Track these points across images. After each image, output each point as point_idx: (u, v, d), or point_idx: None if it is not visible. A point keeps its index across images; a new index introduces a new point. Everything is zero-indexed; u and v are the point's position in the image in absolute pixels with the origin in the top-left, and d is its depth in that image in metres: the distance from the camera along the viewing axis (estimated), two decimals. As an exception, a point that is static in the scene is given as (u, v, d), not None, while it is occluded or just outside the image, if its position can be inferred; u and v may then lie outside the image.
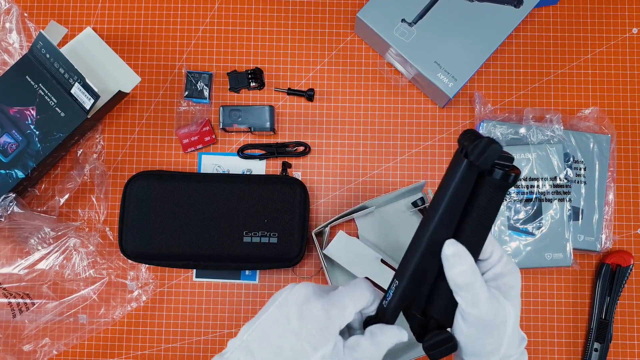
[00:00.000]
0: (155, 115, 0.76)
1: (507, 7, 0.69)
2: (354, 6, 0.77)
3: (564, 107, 0.75)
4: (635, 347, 0.72)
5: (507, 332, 0.45)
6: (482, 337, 0.45)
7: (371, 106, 0.75)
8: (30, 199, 0.74)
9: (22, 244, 0.69)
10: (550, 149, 0.69)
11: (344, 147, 0.75)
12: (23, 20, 0.75)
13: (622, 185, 0.74)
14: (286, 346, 0.43)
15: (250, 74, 0.75)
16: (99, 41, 0.74)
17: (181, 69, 0.76)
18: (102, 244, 0.73)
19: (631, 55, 0.76)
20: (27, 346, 0.70)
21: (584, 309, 0.73)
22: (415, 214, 0.73)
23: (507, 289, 0.45)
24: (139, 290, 0.72)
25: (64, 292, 0.70)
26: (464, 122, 0.75)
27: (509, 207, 0.69)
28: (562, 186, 0.69)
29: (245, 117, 0.73)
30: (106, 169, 0.75)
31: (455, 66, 0.68)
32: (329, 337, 0.43)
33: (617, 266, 0.71)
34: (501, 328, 0.45)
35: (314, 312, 0.44)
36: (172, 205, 0.70)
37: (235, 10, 0.77)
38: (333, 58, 0.76)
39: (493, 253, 0.46)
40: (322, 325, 0.43)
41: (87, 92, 0.66)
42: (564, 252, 0.68)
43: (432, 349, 0.46)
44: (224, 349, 0.44)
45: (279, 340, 0.43)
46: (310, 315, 0.43)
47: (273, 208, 0.70)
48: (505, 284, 0.46)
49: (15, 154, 0.68)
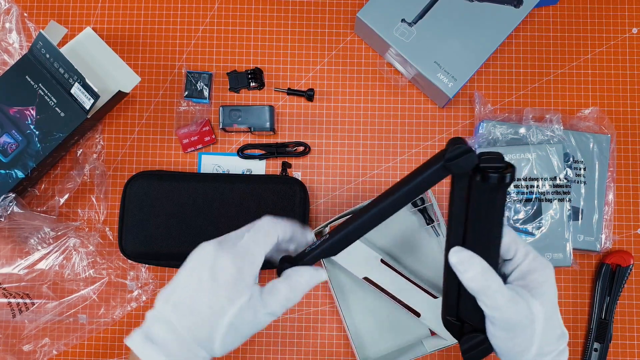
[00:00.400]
0: (155, 115, 0.76)
1: (507, 7, 0.69)
2: (354, 6, 0.77)
3: (563, 107, 0.75)
4: (635, 347, 0.72)
5: (536, 331, 0.45)
6: (511, 337, 0.45)
7: (371, 106, 0.75)
8: (30, 199, 0.74)
9: (22, 244, 0.69)
10: (550, 149, 0.69)
11: (344, 147, 0.75)
12: (23, 20, 0.75)
13: (622, 185, 0.74)
14: (202, 306, 0.44)
15: (250, 74, 0.75)
16: (99, 41, 0.74)
17: (181, 69, 0.76)
18: (102, 244, 0.73)
19: (631, 55, 0.76)
20: (27, 346, 0.70)
21: (584, 309, 0.73)
22: (415, 214, 0.73)
23: (535, 286, 0.45)
24: (138, 290, 0.72)
25: (64, 292, 0.70)
26: (464, 122, 0.75)
27: (509, 207, 0.69)
28: (562, 186, 0.69)
29: (245, 117, 0.73)
30: (106, 169, 0.75)
31: (455, 66, 0.68)
32: (243, 288, 0.44)
33: (617, 266, 0.71)
34: (529, 327, 0.44)
35: (224, 269, 0.44)
36: (172, 205, 0.70)
37: (235, 10, 0.77)
38: (333, 58, 0.76)
39: (517, 251, 0.46)
40: (234, 278, 0.44)
41: (87, 92, 0.66)
42: (564, 252, 0.68)
43: (467, 352, 0.46)
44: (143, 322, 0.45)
45: (194, 302, 0.44)
46: (222, 271, 0.44)
47: (273, 208, 0.70)
48: (533, 281, 0.45)
49: (15, 154, 0.68)
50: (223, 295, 0.44)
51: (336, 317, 0.72)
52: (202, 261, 0.45)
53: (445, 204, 0.74)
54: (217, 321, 0.44)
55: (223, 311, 0.44)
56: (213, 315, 0.44)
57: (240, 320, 0.44)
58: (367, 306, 0.71)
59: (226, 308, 0.44)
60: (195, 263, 0.46)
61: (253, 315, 0.44)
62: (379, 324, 0.71)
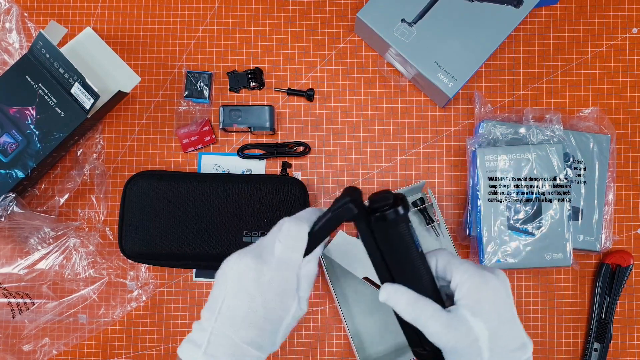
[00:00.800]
0: (155, 115, 0.76)
1: (507, 7, 0.69)
2: (354, 6, 0.77)
3: (563, 107, 0.75)
4: (635, 347, 0.72)
5: (482, 349, 0.44)
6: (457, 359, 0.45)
7: (371, 106, 0.75)
8: (30, 199, 0.74)
9: (22, 243, 0.69)
10: (550, 149, 0.69)
11: (344, 147, 0.75)
12: (23, 20, 0.75)
13: (622, 185, 0.74)
14: (260, 321, 0.45)
15: (250, 73, 0.75)
16: (99, 41, 0.74)
17: (181, 69, 0.76)
18: (102, 243, 0.73)
19: (631, 55, 0.76)
20: (27, 346, 0.70)
21: (584, 309, 0.73)
22: (415, 213, 0.73)
23: (474, 304, 0.45)
24: (138, 290, 0.72)
25: (64, 292, 0.70)
26: (464, 122, 0.75)
27: (509, 207, 0.69)
28: (562, 186, 0.69)
29: (245, 117, 0.73)
30: (106, 169, 0.75)
31: (455, 66, 0.68)
32: (293, 295, 0.46)
33: (617, 266, 0.71)
34: (473, 348, 0.44)
35: (273, 283, 0.46)
36: (172, 205, 0.70)
37: (235, 10, 0.77)
38: (333, 58, 0.76)
39: (454, 272, 0.47)
40: (283, 289, 0.46)
41: (87, 92, 0.66)
42: (564, 252, 0.68)
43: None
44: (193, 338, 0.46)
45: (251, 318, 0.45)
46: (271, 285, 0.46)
47: (273, 208, 0.70)
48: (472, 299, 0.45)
49: (15, 153, 0.68)
50: (278, 307, 0.46)
51: (336, 317, 0.72)
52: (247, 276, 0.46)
53: (445, 204, 0.74)
54: (277, 329, 0.47)
55: (281, 321, 0.46)
56: (272, 326, 0.46)
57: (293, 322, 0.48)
58: (367, 306, 0.71)
59: (283, 317, 0.46)
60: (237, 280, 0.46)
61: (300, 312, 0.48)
62: (379, 324, 0.71)
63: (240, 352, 0.45)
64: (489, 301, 0.45)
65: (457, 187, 0.74)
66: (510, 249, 0.68)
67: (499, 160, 0.69)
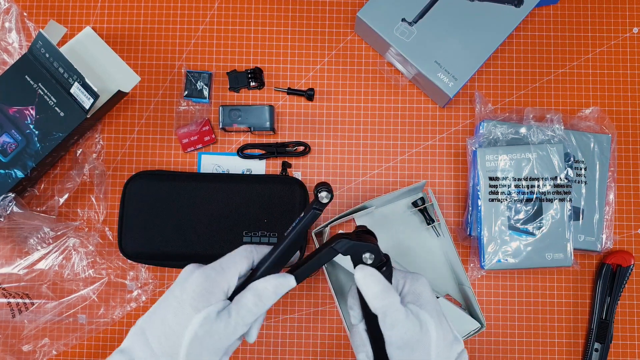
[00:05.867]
0: (154, 115, 0.76)
1: (507, 7, 0.69)
2: (354, 6, 0.77)
3: (564, 107, 0.75)
4: (635, 347, 0.72)
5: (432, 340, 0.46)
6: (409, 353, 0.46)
7: (371, 106, 0.75)
8: (29, 199, 0.74)
9: (22, 243, 0.69)
10: (550, 148, 0.69)
11: (344, 147, 0.75)
12: (22, 20, 0.75)
13: (623, 185, 0.74)
14: (169, 315, 0.44)
15: (250, 73, 0.75)
16: (99, 41, 0.74)
17: (181, 69, 0.76)
18: (102, 243, 0.73)
19: (631, 55, 0.76)
20: (27, 346, 0.70)
21: (585, 309, 0.72)
22: (415, 214, 0.73)
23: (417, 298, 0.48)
24: (138, 290, 0.72)
25: (64, 292, 0.70)
26: (464, 121, 0.75)
27: (510, 207, 0.68)
28: (563, 186, 0.68)
29: (245, 117, 0.73)
30: (105, 169, 0.75)
31: (455, 66, 0.68)
32: (210, 298, 0.44)
33: (618, 266, 0.71)
34: (425, 338, 0.46)
35: (194, 279, 0.45)
36: (172, 205, 0.70)
37: (235, 9, 0.77)
38: (333, 58, 0.76)
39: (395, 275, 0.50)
40: (202, 288, 0.44)
41: (87, 92, 0.66)
42: (565, 252, 0.68)
43: None
44: None
45: (163, 312, 0.45)
46: (191, 282, 0.45)
47: (273, 208, 0.70)
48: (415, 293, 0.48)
49: (15, 153, 0.68)
50: (188, 304, 0.44)
51: (336, 317, 0.72)
52: (179, 278, 0.46)
53: (445, 204, 0.74)
54: (182, 331, 0.43)
55: (188, 319, 0.43)
56: (178, 325, 0.44)
57: (207, 331, 0.43)
58: (367, 306, 0.71)
59: (191, 316, 0.43)
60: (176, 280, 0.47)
61: (223, 326, 0.44)
62: (379, 324, 0.71)
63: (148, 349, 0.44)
64: (426, 294, 0.48)
65: (457, 187, 0.74)
66: (510, 249, 0.68)
67: (500, 160, 0.69)
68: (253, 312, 0.45)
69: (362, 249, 0.49)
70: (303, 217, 0.49)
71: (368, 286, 0.47)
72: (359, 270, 0.48)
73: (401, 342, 0.46)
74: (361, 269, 0.48)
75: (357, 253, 0.49)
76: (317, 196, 0.49)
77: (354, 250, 0.49)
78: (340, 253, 0.49)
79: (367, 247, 0.49)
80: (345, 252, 0.49)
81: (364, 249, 0.49)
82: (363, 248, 0.49)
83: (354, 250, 0.49)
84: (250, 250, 0.48)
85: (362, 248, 0.49)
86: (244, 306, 0.45)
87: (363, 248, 0.49)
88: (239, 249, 0.48)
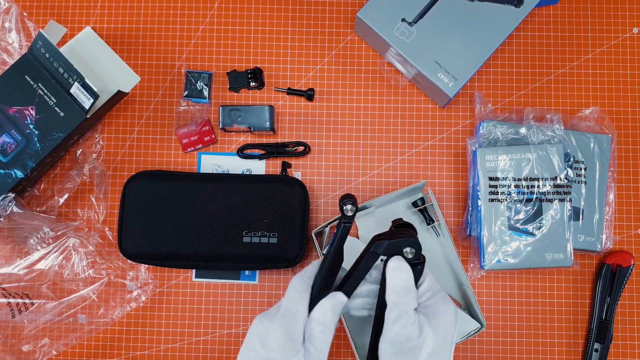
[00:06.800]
0: (154, 115, 0.76)
1: (507, 7, 0.69)
2: (354, 6, 0.77)
3: (564, 107, 0.75)
4: (635, 347, 0.72)
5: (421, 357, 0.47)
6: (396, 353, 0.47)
7: (371, 106, 0.75)
8: (29, 199, 0.74)
9: (22, 244, 0.69)
10: (550, 149, 0.69)
11: (344, 147, 0.75)
12: (22, 20, 0.75)
13: (623, 186, 0.74)
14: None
15: (250, 73, 0.75)
16: (99, 41, 0.74)
17: (181, 69, 0.76)
18: (102, 244, 0.73)
19: (631, 55, 0.76)
20: (26, 346, 0.70)
21: (584, 309, 0.72)
22: (415, 214, 0.73)
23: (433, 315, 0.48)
24: (138, 291, 0.72)
25: (63, 292, 0.70)
26: (464, 121, 0.75)
27: (510, 207, 0.68)
28: (563, 186, 0.68)
29: (245, 117, 0.73)
30: (105, 169, 0.75)
31: (455, 66, 0.68)
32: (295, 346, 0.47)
33: (618, 266, 0.71)
34: (415, 351, 0.47)
35: (275, 334, 0.47)
36: (172, 205, 0.70)
37: (235, 9, 0.77)
38: (333, 58, 0.76)
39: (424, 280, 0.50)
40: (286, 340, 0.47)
41: (87, 92, 0.66)
42: (565, 252, 0.68)
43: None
44: None
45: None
46: (271, 337, 0.47)
47: (273, 208, 0.70)
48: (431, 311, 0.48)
49: (15, 153, 0.68)
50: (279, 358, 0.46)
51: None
52: (252, 334, 0.48)
53: (445, 204, 0.74)
54: None
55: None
56: None
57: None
58: (367, 306, 0.71)
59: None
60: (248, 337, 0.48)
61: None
62: (379, 325, 0.71)
63: None
64: (445, 320, 0.48)
65: (457, 187, 0.74)
66: (510, 249, 0.68)
67: (500, 160, 0.69)
68: (325, 340, 0.47)
69: (401, 245, 0.48)
70: (336, 233, 0.49)
71: (394, 278, 0.48)
72: (395, 260, 0.48)
73: (396, 338, 0.47)
74: (397, 259, 0.48)
75: (397, 249, 0.49)
76: (342, 209, 0.49)
77: (394, 248, 0.49)
78: (380, 255, 0.49)
79: (407, 241, 0.48)
80: (384, 252, 0.49)
81: (404, 243, 0.48)
82: (403, 243, 0.48)
83: (393, 249, 0.49)
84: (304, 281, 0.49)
85: (402, 243, 0.48)
86: (315, 338, 0.47)
87: (403, 243, 0.48)
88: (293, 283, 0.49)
